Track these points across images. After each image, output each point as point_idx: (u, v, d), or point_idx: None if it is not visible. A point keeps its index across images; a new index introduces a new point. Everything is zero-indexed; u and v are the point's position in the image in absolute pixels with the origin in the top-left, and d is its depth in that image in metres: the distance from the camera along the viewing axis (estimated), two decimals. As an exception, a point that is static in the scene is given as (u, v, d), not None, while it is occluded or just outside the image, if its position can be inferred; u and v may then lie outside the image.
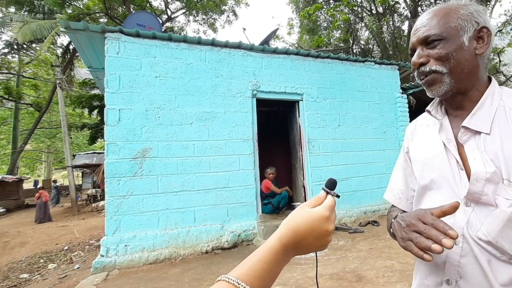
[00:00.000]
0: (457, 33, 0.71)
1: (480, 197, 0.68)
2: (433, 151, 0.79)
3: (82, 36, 4.53)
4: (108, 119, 4.25)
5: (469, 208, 0.70)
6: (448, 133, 0.77)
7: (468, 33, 0.71)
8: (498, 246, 0.65)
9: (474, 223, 0.68)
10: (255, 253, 0.51)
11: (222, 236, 4.61)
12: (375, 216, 5.72)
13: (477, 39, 0.72)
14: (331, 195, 0.59)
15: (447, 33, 0.71)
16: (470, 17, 0.72)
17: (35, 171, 32.24)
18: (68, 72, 15.37)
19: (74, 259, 5.23)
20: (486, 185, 0.67)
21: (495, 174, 0.66)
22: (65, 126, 13.59)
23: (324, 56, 5.89)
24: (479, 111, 0.72)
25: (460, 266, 0.70)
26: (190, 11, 17.05)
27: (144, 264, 4.11)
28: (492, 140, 0.68)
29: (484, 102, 0.72)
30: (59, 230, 8.78)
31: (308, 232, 0.53)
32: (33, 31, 11.18)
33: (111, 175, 4.17)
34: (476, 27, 0.72)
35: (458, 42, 0.71)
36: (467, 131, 0.72)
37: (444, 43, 0.72)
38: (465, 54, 0.71)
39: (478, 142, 0.70)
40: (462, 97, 0.75)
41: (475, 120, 0.71)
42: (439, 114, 0.81)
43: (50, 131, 25.54)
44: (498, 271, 0.65)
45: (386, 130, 6.24)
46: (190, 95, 4.75)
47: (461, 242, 0.70)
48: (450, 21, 0.72)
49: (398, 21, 12.13)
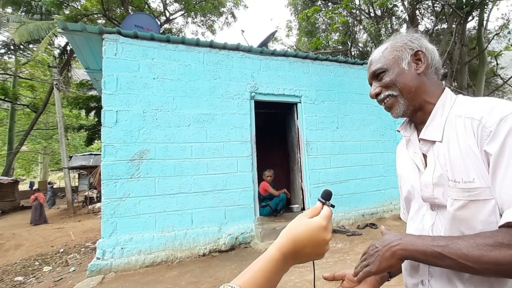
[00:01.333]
0: (395, 62, 0.83)
1: (433, 200, 0.75)
2: (406, 166, 0.89)
3: (79, 37, 4.51)
4: (105, 120, 4.23)
5: (434, 212, 0.77)
6: (415, 147, 0.85)
7: (405, 59, 0.83)
8: None
9: (438, 225, 0.75)
10: (256, 262, 0.54)
11: (219, 238, 4.58)
12: (373, 218, 5.71)
13: (415, 61, 0.83)
14: (326, 205, 0.62)
15: (387, 65, 0.84)
16: (404, 46, 0.84)
17: (31, 172, 32.02)
18: (65, 73, 15.32)
19: (70, 261, 5.17)
20: (435, 189, 0.74)
21: (442, 177, 0.73)
22: (62, 127, 13.51)
23: (322, 59, 5.90)
24: (431, 123, 0.80)
25: (430, 267, 0.76)
26: (189, 13, 17.05)
27: (141, 267, 4.07)
28: (443, 147, 0.75)
29: (436, 114, 0.80)
30: (55, 232, 8.70)
31: (307, 241, 0.55)
32: (30, 31, 11.15)
33: (108, 177, 4.14)
34: (411, 53, 0.83)
35: (397, 69, 0.82)
36: (426, 142, 0.80)
37: (387, 73, 0.84)
38: (407, 76, 0.82)
39: (435, 150, 0.77)
40: (421, 112, 0.83)
41: (429, 131, 0.79)
42: (407, 132, 0.90)
43: (46, 132, 25.39)
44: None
45: (384, 133, 6.25)
46: (188, 97, 4.73)
47: None
48: (388, 54, 0.85)
49: (396, 24, 12.20)
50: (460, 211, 0.68)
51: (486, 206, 0.66)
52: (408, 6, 10.25)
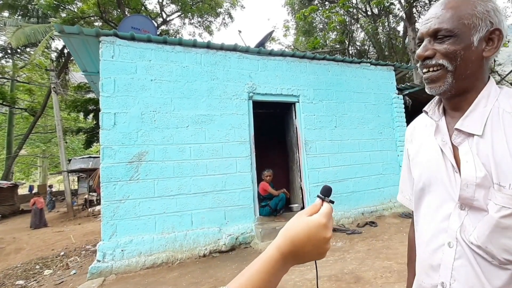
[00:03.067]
0: (469, 31, 0.67)
1: (471, 202, 0.67)
2: (430, 153, 0.78)
3: (76, 40, 4.50)
4: (104, 123, 4.22)
5: (463, 212, 0.69)
6: (444, 135, 0.75)
7: (480, 33, 0.67)
8: (488, 251, 0.64)
9: (468, 227, 0.68)
10: (253, 263, 0.51)
11: (219, 239, 4.59)
12: (373, 217, 5.72)
13: (487, 40, 0.68)
14: (326, 202, 0.59)
15: (458, 30, 0.67)
16: (486, 16, 0.67)
17: (30, 176, 31.95)
18: (63, 76, 15.30)
19: (70, 264, 5.17)
20: (477, 191, 0.65)
21: (486, 179, 0.64)
22: (60, 130, 13.49)
23: (320, 58, 5.90)
24: (472, 113, 0.70)
25: (454, 269, 0.70)
26: (186, 14, 17.06)
27: (141, 268, 4.07)
28: (485, 143, 0.66)
29: (478, 104, 0.70)
30: (55, 235, 8.69)
31: (306, 240, 0.53)
32: (27, 35, 11.13)
33: (107, 179, 4.14)
34: (490, 28, 0.68)
35: (467, 42, 0.67)
36: (461, 133, 0.71)
37: (453, 40, 0.68)
38: (472, 55, 0.68)
39: (472, 144, 0.68)
40: (460, 98, 0.73)
41: (468, 122, 0.70)
42: (435, 115, 0.79)
43: (45, 135, 25.37)
44: (491, 275, 0.65)
45: (382, 131, 6.26)
46: (186, 98, 4.73)
47: (455, 245, 0.69)
48: (464, 17, 0.67)
49: (394, 22, 12.22)
50: (507, 219, 0.62)
51: None
52: (405, 4, 10.27)
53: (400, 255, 3.67)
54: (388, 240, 4.41)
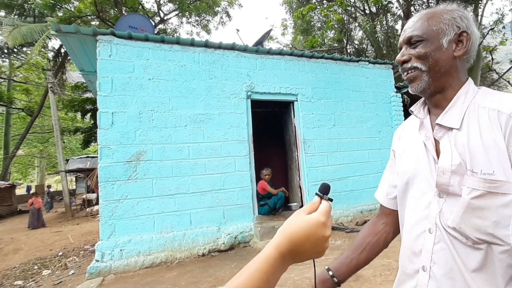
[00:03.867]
0: (437, 35, 0.77)
1: (447, 188, 0.74)
2: (415, 149, 0.86)
3: (73, 39, 4.47)
4: (101, 122, 4.20)
5: (441, 199, 0.76)
6: (427, 131, 0.83)
7: (448, 36, 0.77)
8: (461, 231, 0.70)
9: (446, 213, 0.74)
10: (252, 262, 0.50)
11: (218, 238, 4.58)
12: (372, 215, 5.73)
13: (457, 42, 0.78)
14: (324, 199, 0.58)
15: (427, 35, 0.78)
16: (452, 22, 0.78)
17: (27, 176, 31.80)
18: (60, 76, 15.21)
19: (69, 264, 5.15)
20: (452, 177, 0.72)
21: (461, 166, 0.71)
22: (58, 130, 13.44)
23: (318, 56, 5.90)
24: (451, 109, 0.77)
25: (433, 253, 0.76)
26: (183, 13, 17.00)
27: (140, 268, 4.06)
28: (462, 135, 0.74)
29: (457, 101, 0.78)
30: (53, 235, 8.66)
31: (305, 239, 0.52)
32: (23, 34, 11.05)
33: (105, 179, 4.12)
34: (457, 31, 0.77)
35: (437, 44, 0.77)
36: (441, 128, 0.78)
37: (424, 44, 0.78)
38: (443, 55, 0.77)
39: (451, 137, 0.75)
40: (440, 95, 0.81)
41: (447, 117, 0.77)
42: (421, 114, 0.86)
43: (42, 135, 25.26)
44: (467, 257, 0.71)
45: (381, 129, 6.27)
46: (184, 97, 4.72)
47: (435, 231, 0.76)
48: (433, 24, 0.78)
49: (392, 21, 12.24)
50: (476, 200, 0.68)
51: (503, 199, 0.66)
52: (403, 2, 10.28)
53: (398, 253, 3.67)
54: (387, 238, 4.41)
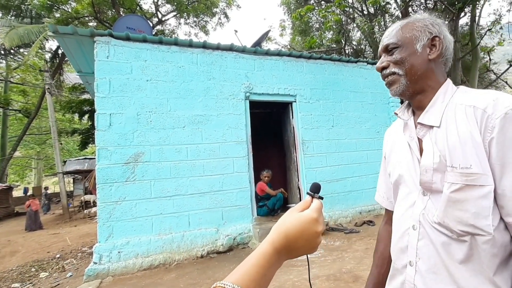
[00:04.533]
0: (411, 41, 0.83)
1: (430, 185, 0.76)
2: (400, 150, 0.89)
3: (70, 41, 4.45)
4: (99, 124, 4.18)
5: (426, 197, 0.79)
6: (411, 131, 0.86)
7: (421, 41, 0.82)
8: (445, 225, 0.73)
9: (431, 210, 0.77)
10: (248, 258, 0.53)
11: (217, 240, 4.56)
12: (371, 216, 5.73)
13: (430, 46, 0.82)
14: (315, 198, 0.61)
15: (402, 42, 0.84)
16: (425, 28, 0.83)
17: (25, 178, 31.63)
18: (57, 77, 15.16)
19: (67, 267, 5.11)
20: (435, 174, 0.75)
21: (441, 163, 0.74)
22: (55, 132, 13.36)
23: (316, 57, 5.90)
24: (431, 109, 0.81)
25: (418, 249, 0.79)
26: (181, 14, 16.97)
27: (138, 270, 4.04)
28: (441, 133, 0.76)
29: (436, 101, 0.81)
30: (51, 238, 8.60)
31: (299, 235, 0.54)
32: (20, 36, 11.01)
33: (102, 180, 4.10)
34: (429, 37, 0.82)
35: (411, 49, 0.82)
36: (423, 127, 0.82)
37: (399, 50, 0.84)
38: (418, 59, 0.82)
39: (432, 135, 0.78)
40: (421, 96, 0.84)
41: (428, 116, 0.80)
42: (405, 116, 0.90)
43: (39, 137, 25.11)
44: (453, 249, 0.72)
45: (379, 130, 6.28)
46: (182, 98, 4.70)
47: (418, 227, 0.79)
48: (406, 32, 0.84)
49: (390, 22, 12.26)
50: (456, 193, 0.70)
51: (481, 191, 0.68)
52: (401, 3, 10.31)
53: (398, 254, 3.67)
54: (386, 239, 4.41)
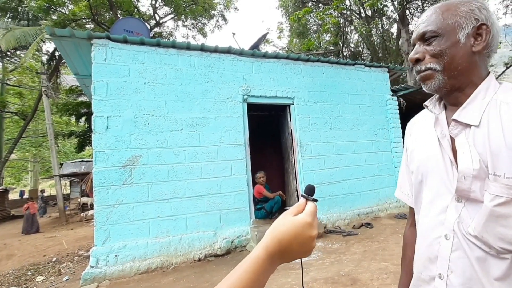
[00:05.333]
0: (453, 30, 0.71)
1: (468, 194, 0.68)
2: (428, 146, 0.80)
3: (68, 43, 4.44)
4: (96, 126, 4.16)
5: (460, 204, 0.70)
6: (443, 127, 0.76)
7: (465, 30, 0.70)
8: (484, 240, 0.65)
9: (466, 219, 0.68)
10: (241, 263, 0.52)
11: (215, 243, 4.54)
12: (369, 218, 5.73)
13: (475, 36, 0.71)
14: (309, 200, 0.59)
15: (442, 30, 0.72)
16: (470, 14, 0.71)
17: (21, 181, 31.40)
18: (54, 79, 15.09)
19: (63, 270, 5.07)
20: (474, 182, 0.66)
21: (482, 170, 0.65)
22: (52, 134, 13.29)
23: (314, 60, 5.91)
24: (470, 105, 0.71)
25: (451, 261, 0.71)
26: (179, 16, 16.99)
27: (136, 274, 4.01)
28: (481, 133, 0.67)
29: (477, 96, 0.71)
30: (47, 241, 8.53)
31: (292, 239, 0.54)
32: (17, 38, 10.97)
33: (99, 183, 4.07)
34: (475, 24, 0.70)
35: (453, 39, 0.71)
36: (458, 124, 0.72)
37: (439, 40, 0.72)
38: (460, 51, 0.71)
39: (468, 135, 0.69)
40: (458, 93, 0.75)
41: (465, 113, 0.71)
42: (436, 109, 0.80)
43: (36, 139, 24.93)
44: (490, 265, 0.66)
45: (377, 132, 6.29)
46: (180, 101, 4.69)
47: (452, 237, 0.70)
48: (448, 17, 0.72)
49: (387, 24, 12.36)
50: (500, 208, 0.62)
51: None
52: (398, 6, 10.38)
53: (396, 256, 3.67)
54: (384, 242, 4.42)
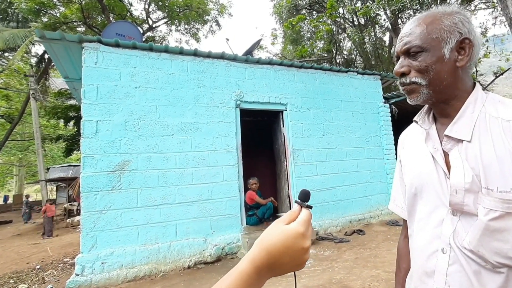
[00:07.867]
0: (438, 44, 0.70)
1: (462, 207, 0.68)
2: (421, 160, 0.79)
3: (58, 46, 4.36)
4: (85, 131, 4.07)
5: (455, 217, 0.70)
6: (435, 142, 0.76)
7: (449, 44, 0.70)
8: (480, 254, 0.65)
9: (460, 233, 0.68)
10: (225, 277, 0.47)
11: (205, 250, 4.46)
12: (361, 225, 5.73)
13: (458, 50, 0.71)
14: (304, 207, 0.55)
15: (428, 45, 0.71)
16: (454, 28, 0.70)
17: (5, 186, 30.60)
18: (43, 82, 14.83)
19: (47, 278, 4.89)
20: (466, 196, 0.66)
21: (474, 183, 0.65)
22: (39, 138, 13.00)
23: (307, 67, 5.94)
24: (460, 120, 0.71)
25: (448, 275, 0.70)
26: (172, 21, 16.96)
27: (123, 282, 3.89)
28: (473, 148, 0.68)
29: (466, 110, 0.72)
30: (31, 248, 8.26)
31: (283, 251, 0.49)
32: (5, 39, 10.77)
33: (87, 189, 3.97)
34: (459, 38, 0.70)
35: (438, 54, 0.70)
36: (450, 140, 0.72)
37: (424, 55, 0.71)
38: (445, 66, 0.70)
39: (461, 150, 0.70)
40: (445, 105, 0.75)
41: (457, 128, 0.71)
42: (425, 124, 0.80)
43: (22, 143, 24.39)
44: (486, 279, 0.65)
45: (369, 139, 6.34)
46: (172, 106, 4.64)
47: (449, 251, 0.70)
48: (433, 31, 0.71)
49: (380, 32, 12.59)
50: (495, 222, 0.63)
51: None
52: (391, 15, 10.59)
53: (387, 264, 3.66)
54: (376, 248, 4.41)
